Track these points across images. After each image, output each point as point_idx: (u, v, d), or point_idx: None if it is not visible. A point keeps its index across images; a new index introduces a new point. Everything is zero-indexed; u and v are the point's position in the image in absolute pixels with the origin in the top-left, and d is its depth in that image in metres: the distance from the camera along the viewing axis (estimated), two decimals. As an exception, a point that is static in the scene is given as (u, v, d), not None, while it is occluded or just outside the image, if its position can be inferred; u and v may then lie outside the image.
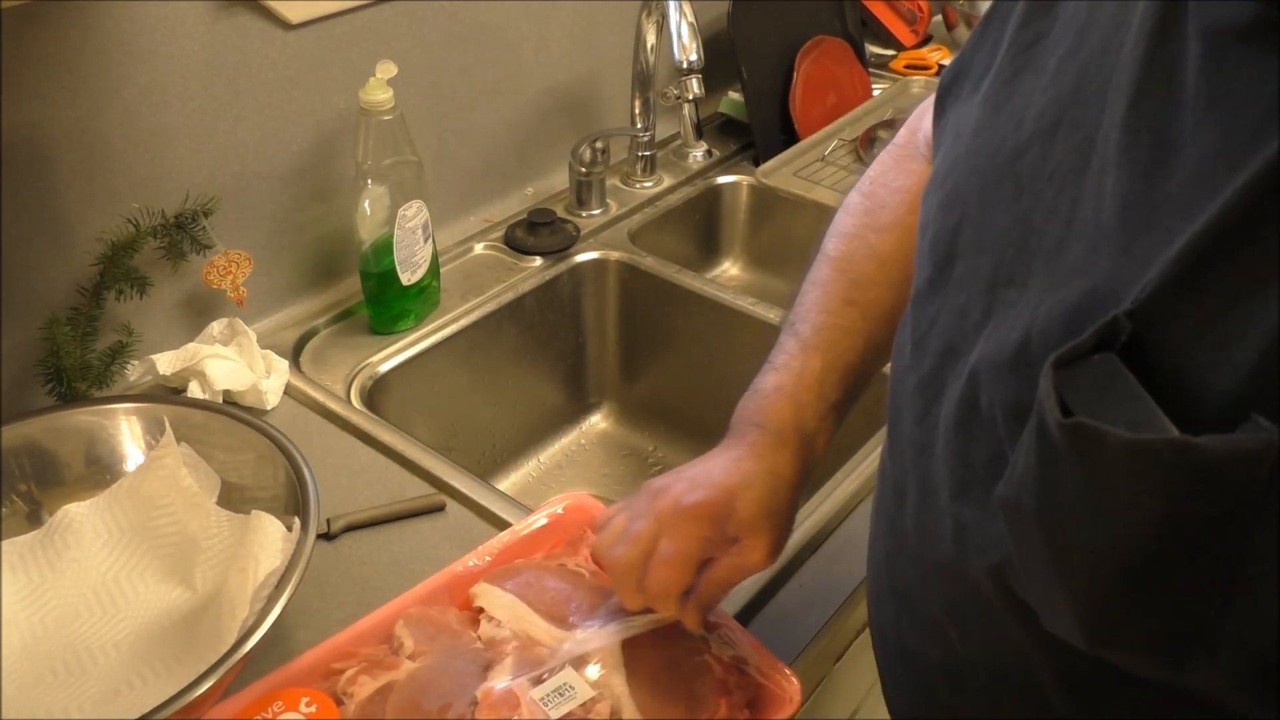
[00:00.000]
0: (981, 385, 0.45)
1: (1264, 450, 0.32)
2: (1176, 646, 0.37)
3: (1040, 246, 0.44)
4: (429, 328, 1.09)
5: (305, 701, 0.63)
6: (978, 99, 0.51)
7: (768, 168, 1.37)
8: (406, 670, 0.67)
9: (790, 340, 0.70)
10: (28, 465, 0.80)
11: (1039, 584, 0.42)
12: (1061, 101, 0.44)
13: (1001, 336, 0.44)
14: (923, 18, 1.69)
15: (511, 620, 0.70)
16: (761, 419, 0.67)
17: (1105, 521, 0.36)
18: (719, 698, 0.66)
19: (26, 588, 0.76)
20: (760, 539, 0.64)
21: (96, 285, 0.89)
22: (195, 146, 0.96)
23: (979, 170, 0.49)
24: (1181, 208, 0.36)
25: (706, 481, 0.65)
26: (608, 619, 0.70)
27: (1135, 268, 0.38)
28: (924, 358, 0.52)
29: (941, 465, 0.49)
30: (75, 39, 0.85)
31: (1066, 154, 0.43)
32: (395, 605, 0.71)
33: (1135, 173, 0.39)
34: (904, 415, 0.54)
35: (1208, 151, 0.36)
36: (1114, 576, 0.37)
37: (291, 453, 0.78)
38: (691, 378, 1.24)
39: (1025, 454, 0.39)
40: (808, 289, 0.72)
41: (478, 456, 1.18)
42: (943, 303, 0.50)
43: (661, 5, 1.20)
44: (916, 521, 0.52)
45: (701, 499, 0.64)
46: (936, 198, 0.52)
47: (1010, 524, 0.42)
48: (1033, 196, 0.44)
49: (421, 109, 1.13)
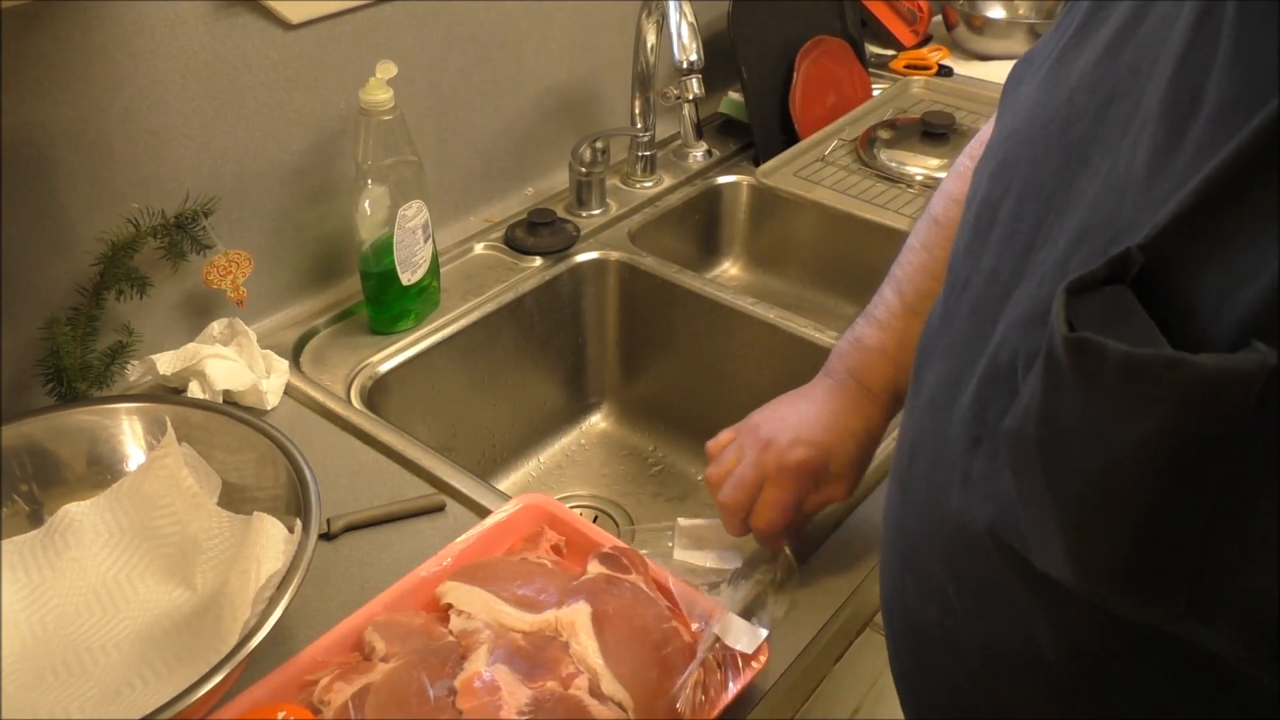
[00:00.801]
0: (1007, 343, 0.46)
1: (1256, 371, 0.32)
2: (1163, 582, 0.38)
3: (1078, 208, 0.44)
4: (429, 328, 1.09)
5: (282, 716, 0.63)
6: (1039, 79, 0.52)
7: (768, 168, 1.37)
8: (382, 671, 0.67)
9: (895, 298, 0.76)
10: (28, 465, 0.80)
11: (1034, 521, 0.42)
12: (1117, 73, 0.45)
13: (1030, 293, 0.45)
14: (923, 18, 1.69)
15: (482, 611, 0.71)
16: (863, 376, 0.76)
17: (1102, 444, 0.37)
18: (690, 661, 0.68)
19: (26, 588, 0.77)
20: (845, 482, 0.78)
21: (96, 285, 0.89)
22: (195, 146, 0.96)
23: (1030, 139, 0.50)
24: (1199, 151, 0.37)
25: (810, 439, 0.75)
26: (576, 598, 0.71)
27: (1150, 210, 0.38)
28: (953, 320, 0.53)
29: (959, 423, 0.50)
30: (75, 39, 0.85)
31: (1116, 121, 0.44)
32: (360, 615, 0.72)
33: (1167, 126, 0.40)
34: (927, 376, 0.55)
35: (1228, 98, 0.37)
36: (1105, 504, 0.38)
37: (292, 453, 0.78)
38: (691, 378, 1.24)
39: (1032, 384, 0.40)
40: (913, 249, 0.76)
41: (478, 456, 1.18)
42: (974, 264, 0.51)
43: (661, 5, 1.20)
44: (928, 478, 0.53)
45: (804, 457, 0.75)
46: (988, 169, 0.54)
47: (1013, 459, 0.43)
48: (1079, 163, 0.45)
49: (421, 109, 1.13)
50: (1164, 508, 0.36)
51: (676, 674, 0.67)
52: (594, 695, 0.66)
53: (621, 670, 0.67)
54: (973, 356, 0.49)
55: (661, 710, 0.66)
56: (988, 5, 1.74)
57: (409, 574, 0.75)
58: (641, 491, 1.21)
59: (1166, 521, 0.37)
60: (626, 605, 0.71)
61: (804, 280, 1.41)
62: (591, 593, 0.71)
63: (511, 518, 0.80)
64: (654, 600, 0.72)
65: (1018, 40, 1.66)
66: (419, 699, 0.65)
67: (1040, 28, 1.65)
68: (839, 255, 1.36)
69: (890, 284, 0.76)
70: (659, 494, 1.21)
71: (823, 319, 1.16)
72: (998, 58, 1.67)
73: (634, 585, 0.73)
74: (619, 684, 0.66)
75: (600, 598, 0.71)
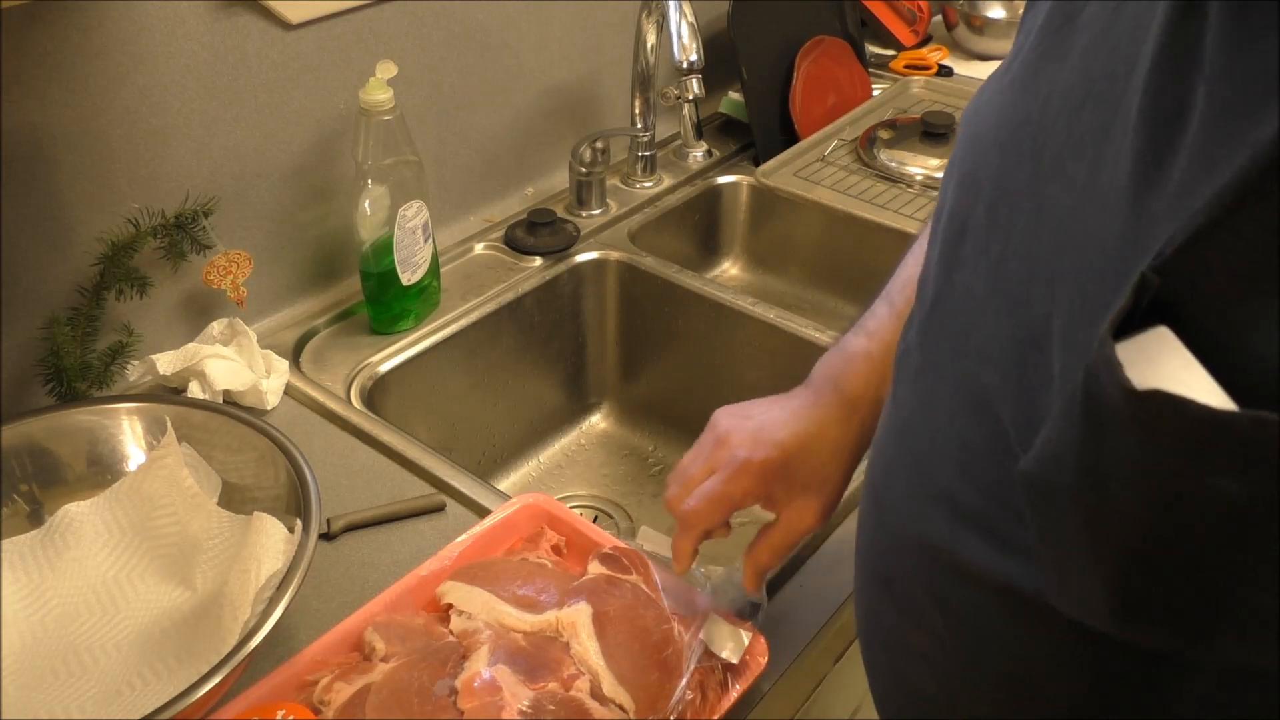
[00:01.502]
0: (977, 364, 0.45)
1: None
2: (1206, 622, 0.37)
3: (1052, 217, 0.43)
4: (429, 328, 1.09)
5: (282, 714, 0.63)
6: (1007, 81, 0.51)
7: (768, 168, 1.37)
8: (382, 671, 0.67)
9: (884, 307, 0.71)
10: (29, 465, 0.80)
11: (1056, 563, 0.41)
12: (1091, 78, 0.44)
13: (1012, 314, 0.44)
14: (923, 18, 1.69)
15: (482, 611, 0.71)
16: (840, 381, 0.69)
17: (1159, 495, 0.36)
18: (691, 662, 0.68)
19: (27, 587, 0.76)
20: (812, 502, 0.68)
21: (96, 285, 0.89)
22: (195, 146, 0.96)
23: (999, 146, 0.48)
24: (1197, 161, 0.36)
25: (769, 440, 0.67)
26: (576, 599, 0.71)
27: (1150, 224, 0.37)
28: (927, 336, 0.51)
29: (938, 445, 0.48)
30: (75, 39, 0.85)
31: (1090, 128, 0.42)
32: (360, 615, 0.72)
33: (1149, 135, 0.38)
34: (902, 394, 0.53)
35: (1223, 102, 0.36)
36: (1161, 552, 0.37)
37: (292, 453, 0.78)
38: (691, 378, 1.24)
39: (1060, 427, 0.39)
40: (908, 260, 0.72)
41: (478, 456, 1.18)
42: (947, 279, 0.50)
43: (661, 5, 1.20)
44: (906, 504, 0.52)
45: (760, 458, 0.67)
46: (954, 178, 0.52)
47: (1033, 501, 0.41)
48: (1053, 169, 0.44)
49: (421, 109, 1.13)
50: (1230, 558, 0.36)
51: (677, 676, 0.67)
52: (595, 697, 0.66)
53: (622, 672, 0.67)
54: (947, 375, 0.48)
55: (662, 712, 0.66)
56: (988, 5, 1.74)
57: (409, 574, 0.75)
58: (641, 491, 1.21)
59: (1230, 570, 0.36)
60: (627, 606, 0.71)
61: (804, 280, 1.41)
62: (592, 593, 0.71)
63: (511, 518, 0.80)
64: (654, 601, 0.72)
65: (1018, 40, 1.66)
66: (419, 699, 0.65)
67: (1040, 28, 1.65)
68: (839, 255, 1.36)
69: (882, 297, 0.72)
70: (659, 494, 1.21)
71: (823, 319, 1.16)
72: (998, 58, 1.67)
73: (634, 586, 0.73)
74: (620, 686, 0.66)
75: (601, 598, 0.71)
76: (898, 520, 0.53)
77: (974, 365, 0.46)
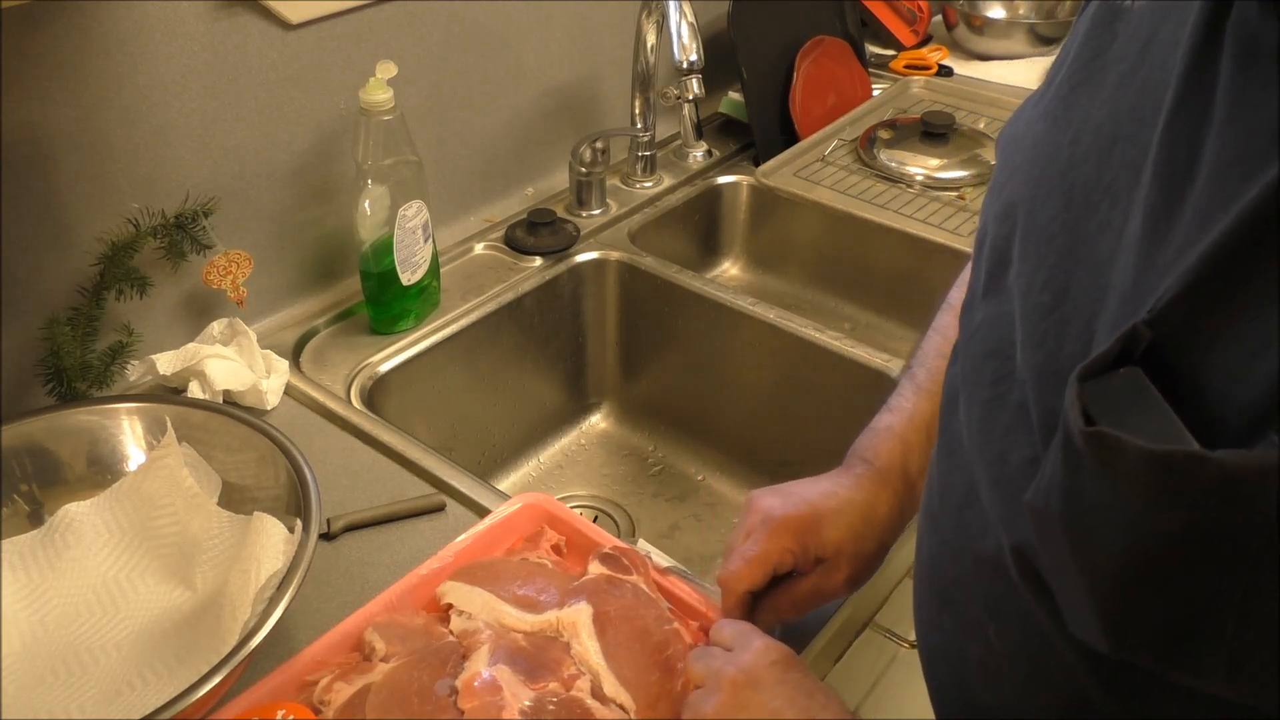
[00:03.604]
0: (1016, 389, 0.46)
1: (1276, 466, 0.32)
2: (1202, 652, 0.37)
3: (1089, 257, 0.44)
4: (429, 328, 1.09)
5: (282, 714, 0.63)
6: (1040, 110, 0.52)
7: (768, 168, 1.37)
8: (382, 671, 0.67)
9: (907, 384, 0.73)
10: (28, 465, 0.80)
11: (1065, 589, 0.42)
12: (1119, 117, 0.44)
13: (1041, 344, 0.45)
14: (923, 18, 1.69)
15: (482, 611, 0.71)
16: (870, 455, 0.71)
17: (1127, 528, 0.37)
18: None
19: (26, 587, 0.76)
20: (843, 564, 0.68)
21: (96, 285, 0.89)
22: (195, 146, 0.96)
23: (1032, 179, 0.49)
24: (1198, 218, 0.37)
25: (800, 499, 0.69)
26: (577, 599, 0.71)
27: (1153, 277, 0.38)
28: (971, 361, 0.52)
29: (982, 463, 0.49)
30: (75, 39, 0.85)
31: (1122, 169, 0.43)
32: (360, 615, 0.72)
33: (1162, 185, 0.39)
34: (952, 416, 0.55)
35: (1224, 160, 0.36)
36: (1137, 581, 0.38)
37: (292, 453, 0.78)
38: (691, 378, 1.24)
39: (1053, 461, 0.40)
40: (930, 335, 0.74)
41: (478, 456, 1.18)
42: (990, 309, 0.51)
43: (661, 5, 1.20)
44: (959, 519, 0.53)
45: (790, 513, 0.68)
46: (994, 207, 0.53)
47: (1038, 529, 0.43)
48: (1084, 208, 0.45)
49: (421, 109, 1.13)
50: (1197, 585, 0.36)
51: (678, 676, 0.67)
52: (596, 697, 0.66)
53: (623, 672, 0.67)
54: (990, 397, 0.49)
55: (664, 712, 0.66)
56: (988, 5, 1.74)
57: (409, 574, 0.75)
58: (641, 491, 1.21)
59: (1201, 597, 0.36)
60: (628, 606, 0.71)
61: (804, 280, 1.42)
62: (592, 593, 0.71)
63: (511, 517, 0.80)
64: (655, 601, 0.72)
65: (1018, 40, 1.66)
66: (419, 699, 0.65)
67: (1040, 28, 1.65)
68: (839, 255, 1.36)
69: (906, 375, 0.74)
70: (659, 494, 1.21)
71: (823, 319, 1.16)
72: (998, 58, 1.67)
73: (635, 586, 0.73)
74: (621, 686, 0.66)
75: (601, 598, 0.71)
76: (951, 534, 0.54)
77: (1014, 392, 0.47)
